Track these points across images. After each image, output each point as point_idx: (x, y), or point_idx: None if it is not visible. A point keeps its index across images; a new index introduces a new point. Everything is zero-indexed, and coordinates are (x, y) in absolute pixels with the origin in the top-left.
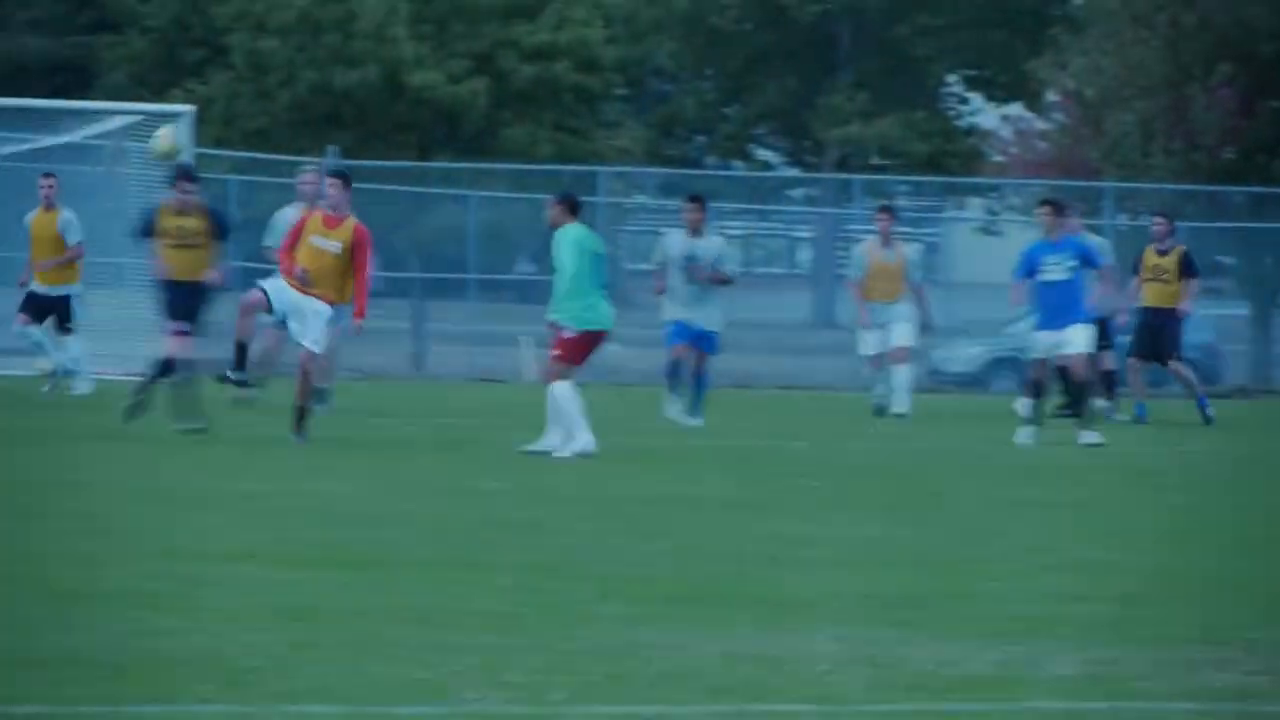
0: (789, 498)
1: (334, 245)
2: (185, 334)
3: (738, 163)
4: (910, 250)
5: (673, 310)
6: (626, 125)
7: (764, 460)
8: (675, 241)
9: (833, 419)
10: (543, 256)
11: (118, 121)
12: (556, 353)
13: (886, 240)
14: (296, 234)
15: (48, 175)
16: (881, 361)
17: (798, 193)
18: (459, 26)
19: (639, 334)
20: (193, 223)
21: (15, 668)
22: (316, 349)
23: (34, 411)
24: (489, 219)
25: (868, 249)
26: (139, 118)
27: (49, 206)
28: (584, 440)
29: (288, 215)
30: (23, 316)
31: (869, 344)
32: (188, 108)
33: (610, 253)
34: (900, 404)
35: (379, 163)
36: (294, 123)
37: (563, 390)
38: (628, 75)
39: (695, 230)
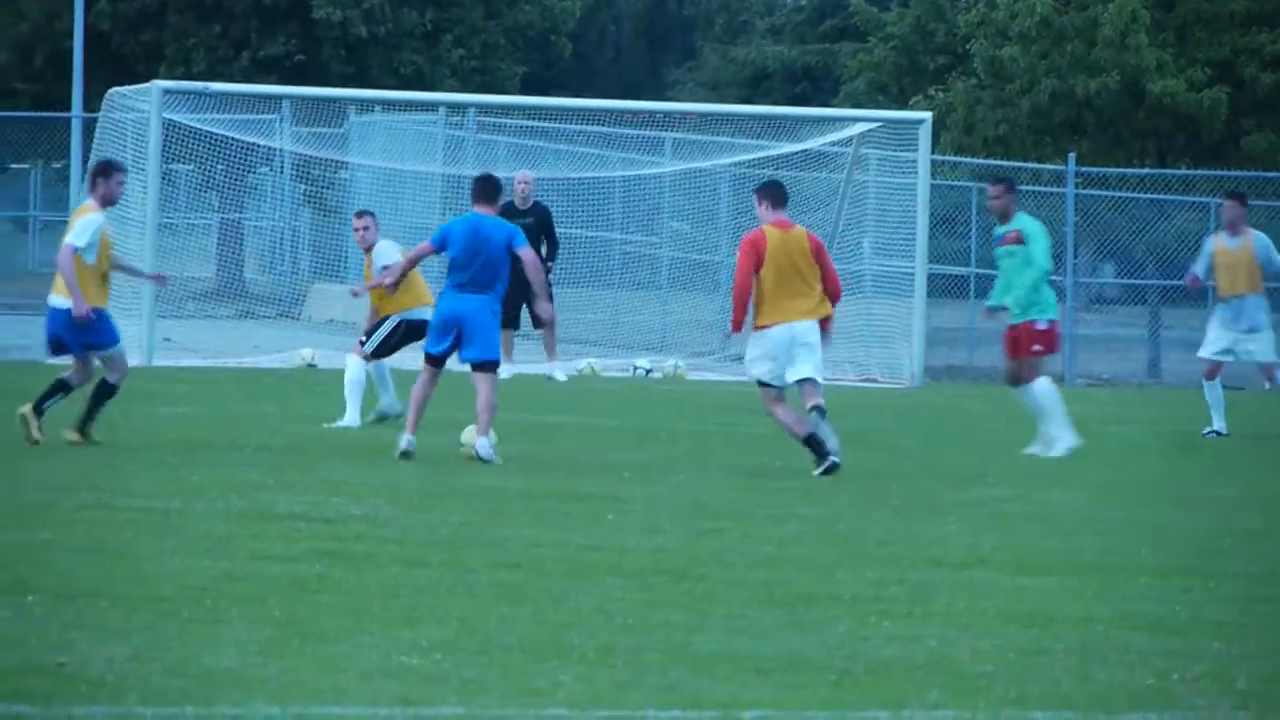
0: None
1: None
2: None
3: None
4: None
5: None
6: None
7: None
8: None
9: None
10: None
11: (857, 128)
12: (1038, 347)
13: None
14: None
15: None
16: None
17: None
18: (1200, 34)
19: None
20: None
21: (746, 670)
22: None
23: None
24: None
25: None
26: (877, 125)
27: None
28: (1068, 438)
29: None
30: None
31: None
32: (924, 115)
33: None
34: None
35: (1118, 170)
36: (1034, 130)
37: (1047, 386)
38: None
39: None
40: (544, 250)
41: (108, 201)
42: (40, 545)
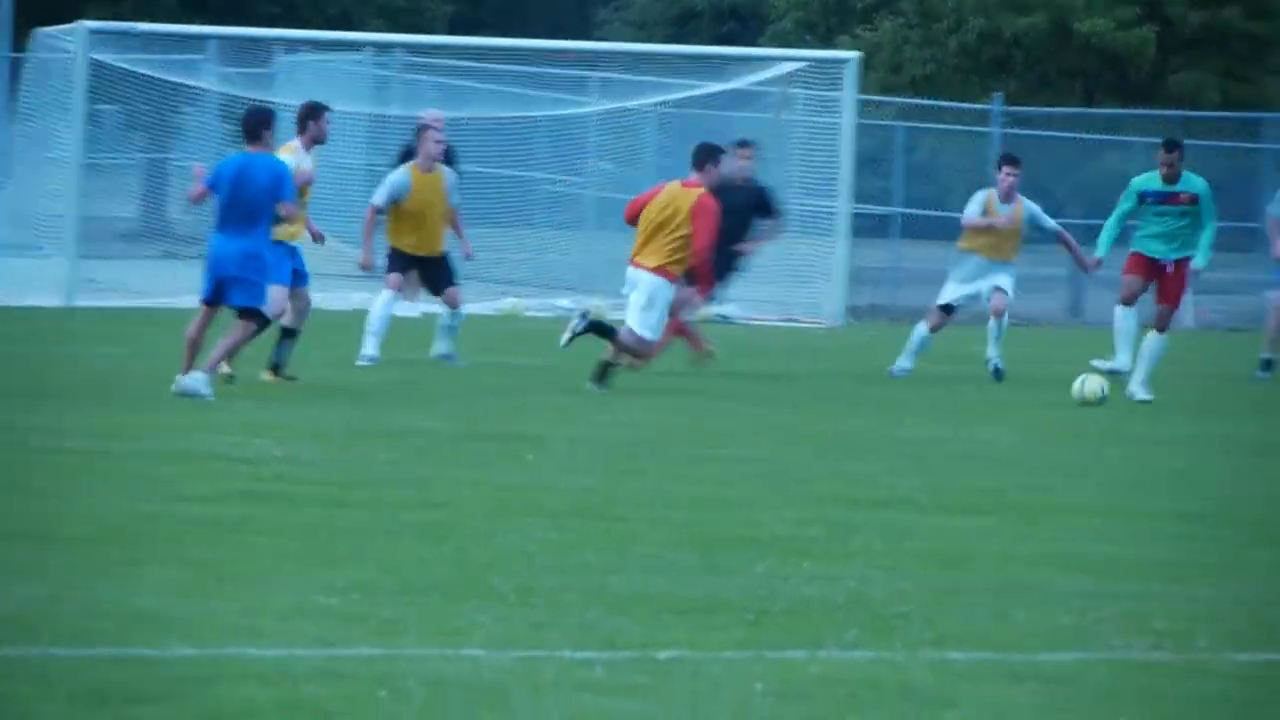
0: None
1: None
2: None
3: None
4: None
5: None
6: None
7: None
8: None
9: None
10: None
11: (785, 68)
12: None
13: None
14: None
15: None
16: None
17: None
18: None
19: None
20: None
21: (663, 611)
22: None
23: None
24: (1154, 166)
25: None
26: (804, 64)
27: None
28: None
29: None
30: None
31: None
32: (852, 54)
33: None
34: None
35: (1045, 109)
36: (961, 69)
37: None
38: None
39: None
40: None
41: (316, 141)
42: None
